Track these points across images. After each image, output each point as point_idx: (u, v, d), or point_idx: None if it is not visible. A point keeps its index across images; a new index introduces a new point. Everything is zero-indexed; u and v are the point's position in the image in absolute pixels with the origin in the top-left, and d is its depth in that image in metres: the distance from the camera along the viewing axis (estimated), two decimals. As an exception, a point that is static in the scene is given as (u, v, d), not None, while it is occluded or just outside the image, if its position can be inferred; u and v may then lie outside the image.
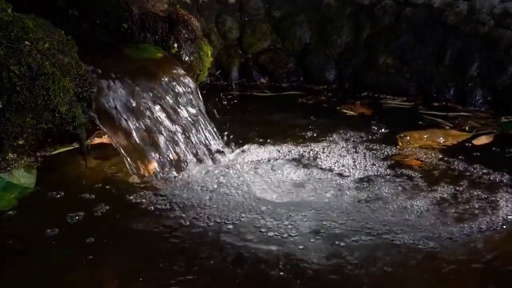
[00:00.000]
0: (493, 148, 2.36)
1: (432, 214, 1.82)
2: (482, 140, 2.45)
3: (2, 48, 1.68)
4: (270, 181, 2.03)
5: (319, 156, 2.25)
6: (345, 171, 2.11)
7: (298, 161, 2.20)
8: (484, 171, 2.10)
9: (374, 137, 2.44)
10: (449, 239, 1.67)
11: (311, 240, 1.66)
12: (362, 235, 1.69)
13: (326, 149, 2.31)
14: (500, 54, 2.87)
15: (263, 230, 1.71)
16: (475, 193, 1.95)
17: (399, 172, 2.11)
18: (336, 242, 1.65)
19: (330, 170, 2.13)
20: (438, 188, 1.98)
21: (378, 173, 2.10)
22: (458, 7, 3.03)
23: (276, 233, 1.70)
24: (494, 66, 2.87)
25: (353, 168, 2.14)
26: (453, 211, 1.84)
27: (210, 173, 2.08)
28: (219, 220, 1.77)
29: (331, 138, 2.41)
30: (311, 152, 2.28)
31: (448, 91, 2.96)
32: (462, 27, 3.00)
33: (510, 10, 2.92)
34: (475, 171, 2.11)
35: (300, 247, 1.63)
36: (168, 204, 1.86)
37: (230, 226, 1.74)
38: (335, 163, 2.18)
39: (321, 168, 2.14)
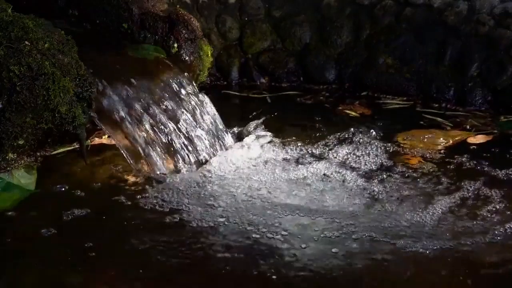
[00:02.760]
0: (494, 147, 2.35)
1: (440, 214, 1.83)
2: (479, 138, 2.45)
3: (2, 48, 1.68)
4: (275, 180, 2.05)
5: (322, 155, 2.26)
6: (348, 170, 2.12)
7: (304, 160, 2.22)
8: (489, 169, 2.12)
9: (376, 137, 2.43)
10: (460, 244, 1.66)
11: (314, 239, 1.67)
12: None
13: (327, 149, 2.31)
14: (500, 54, 2.87)
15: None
16: (485, 191, 1.96)
17: (404, 172, 2.11)
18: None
19: (334, 169, 2.13)
20: (441, 187, 2.00)
21: (383, 173, 2.11)
22: (458, 7, 3.02)
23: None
24: (494, 66, 2.87)
25: (357, 168, 2.14)
26: (465, 210, 1.85)
27: (210, 172, 2.08)
28: (220, 219, 1.77)
29: (331, 138, 2.41)
30: (314, 152, 2.29)
31: (448, 91, 2.96)
32: (462, 27, 2.99)
33: (510, 10, 2.92)
34: (480, 170, 2.13)
35: (295, 249, 1.64)
36: (168, 203, 1.86)
37: (230, 223, 1.74)
38: (338, 162, 2.19)
39: (323, 167, 2.15)
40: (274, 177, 2.07)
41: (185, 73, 2.31)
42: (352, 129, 2.50)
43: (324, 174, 2.10)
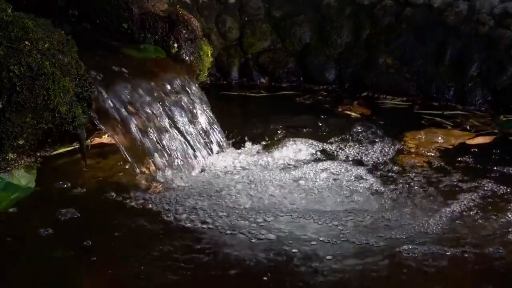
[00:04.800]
0: (497, 146, 2.36)
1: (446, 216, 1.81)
2: (481, 138, 2.46)
3: (2, 48, 1.68)
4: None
5: (323, 155, 2.26)
6: (353, 171, 2.11)
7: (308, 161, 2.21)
8: (496, 167, 2.13)
9: (378, 137, 2.42)
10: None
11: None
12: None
13: (327, 149, 2.31)
14: (500, 54, 2.87)
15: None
16: (496, 188, 1.97)
17: (409, 171, 2.11)
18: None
19: (337, 169, 2.13)
20: (448, 186, 2.00)
21: (388, 173, 2.11)
22: (458, 7, 3.02)
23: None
24: (494, 66, 2.87)
25: (361, 168, 2.14)
26: (478, 210, 1.83)
27: (210, 172, 2.09)
28: (222, 220, 1.77)
29: (330, 139, 2.41)
30: (314, 151, 2.29)
31: (448, 91, 2.96)
32: (462, 27, 2.99)
33: (510, 10, 2.92)
34: (487, 168, 2.13)
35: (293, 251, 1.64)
36: (167, 203, 1.86)
37: (229, 223, 1.74)
38: (341, 163, 2.18)
39: (325, 167, 2.15)
40: (273, 177, 2.07)
41: (185, 74, 2.31)
42: (353, 129, 2.49)
43: (329, 173, 2.09)
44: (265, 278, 1.49)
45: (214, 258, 1.58)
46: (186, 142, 2.15)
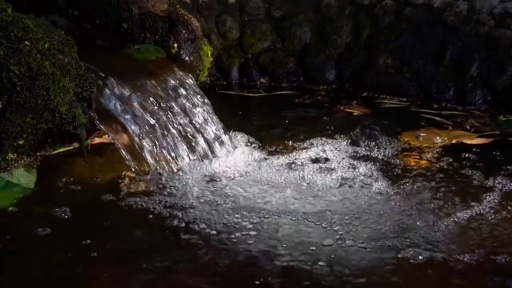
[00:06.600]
0: (496, 146, 2.36)
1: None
2: (482, 138, 2.46)
3: (2, 48, 1.68)
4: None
5: (322, 155, 2.25)
6: (355, 171, 2.11)
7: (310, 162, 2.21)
8: (498, 165, 2.14)
9: (378, 136, 2.42)
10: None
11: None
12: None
13: (328, 148, 2.31)
14: (500, 54, 2.87)
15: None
16: (498, 187, 1.97)
17: (411, 171, 2.12)
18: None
19: (338, 169, 2.13)
20: (449, 186, 2.00)
21: (390, 172, 2.11)
22: (458, 7, 3.03)
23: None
24: (494, 66, 2.87)
25: (363, 167, 2.13)
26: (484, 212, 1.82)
27: (211, 172, 2.09)
28: (225, 220, 1.77)
29: (332, 138, 2.41)
30: (316, 151, 2.29)
31: (448, 91, 2.96)
32: (462, 27, 3.00)
33: (510, 10, 2.92)
34: (487, 169, 2.12)
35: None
36: (167, 203, 1.86)
37: (233, 225, 1.74)
38: (342, 162, 2.18)
39: (326, 167, 2.14)
40: (275, 177, 2.07)
41: (185, 74, 2.31)
42: (353, 129, 2.49)
43: (330, 172, 2.09)
44: (257, 282, 1.49)
45: (212, 258, 1.59)
46: (186, 142, 2.15)
